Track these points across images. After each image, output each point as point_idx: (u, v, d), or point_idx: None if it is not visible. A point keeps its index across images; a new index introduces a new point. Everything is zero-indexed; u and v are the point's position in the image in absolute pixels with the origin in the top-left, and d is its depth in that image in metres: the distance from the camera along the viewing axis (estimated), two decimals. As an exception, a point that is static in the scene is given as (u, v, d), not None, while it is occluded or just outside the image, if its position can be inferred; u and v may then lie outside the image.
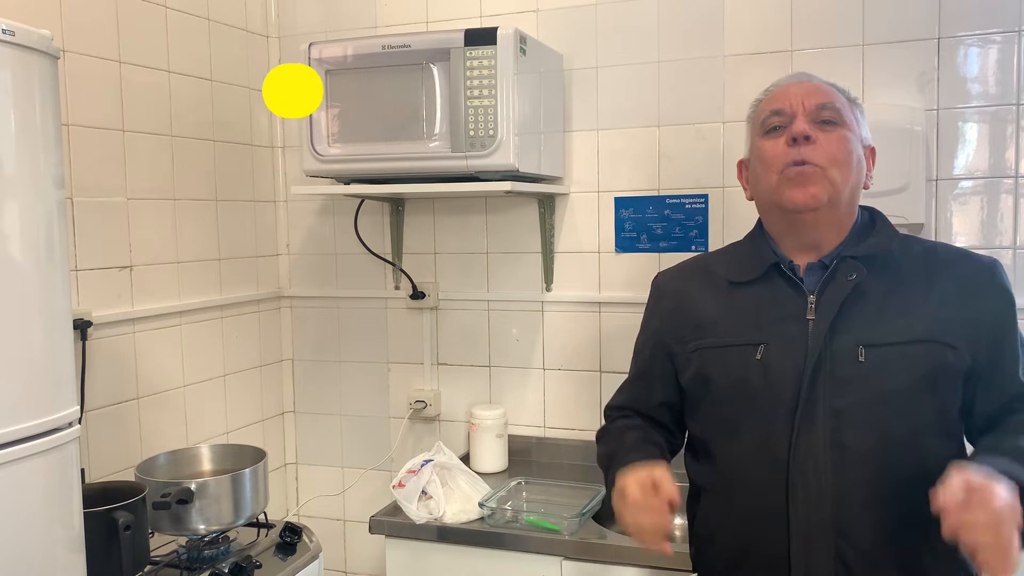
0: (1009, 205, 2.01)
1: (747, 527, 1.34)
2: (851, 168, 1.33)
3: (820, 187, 1.31)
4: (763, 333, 1.33)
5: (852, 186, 1.34)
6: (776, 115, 1.35)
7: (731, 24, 2.18)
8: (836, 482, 1.26)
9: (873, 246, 1.34)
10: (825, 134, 1.32)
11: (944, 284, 1.32)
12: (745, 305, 1.38)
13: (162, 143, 2.21)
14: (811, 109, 1.33)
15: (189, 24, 2.30)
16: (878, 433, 1.26)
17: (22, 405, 1.28)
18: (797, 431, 1.28)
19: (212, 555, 1.90)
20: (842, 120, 1.34)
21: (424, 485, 2.03)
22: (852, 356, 1.28)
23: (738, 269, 1.42)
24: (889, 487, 1.26)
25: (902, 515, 1.26)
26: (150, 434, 2.16)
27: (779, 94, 1.39)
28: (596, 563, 1.87)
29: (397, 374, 2.58)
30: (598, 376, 2.37)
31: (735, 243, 1.51)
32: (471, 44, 1.99)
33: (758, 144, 1.39)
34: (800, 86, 1.38)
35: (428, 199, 2.48)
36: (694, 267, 1.54)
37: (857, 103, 1.41)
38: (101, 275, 2.03)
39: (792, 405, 1.29)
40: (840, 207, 1.34)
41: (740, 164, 1.49)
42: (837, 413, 1.27)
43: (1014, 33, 1.98)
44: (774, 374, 1.31)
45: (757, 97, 1.46)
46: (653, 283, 1.57)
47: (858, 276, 1.31)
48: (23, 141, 1.29)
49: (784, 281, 1.36)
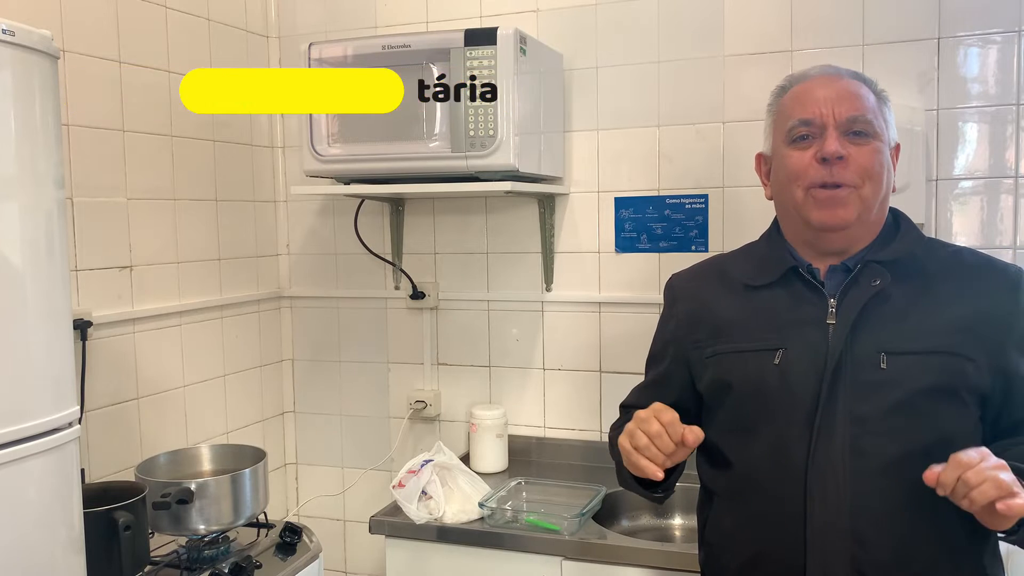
0: (1009, 205, 2.01)
1: (763, 533, 1.31)
2: (882, 181, 1.31)
3: (850, 209, 1.28)
4: (781, 337, 1.31)
5: (882, 197, 1.32)
6: (804, 125, 1.31)
7: (731, 24, 2.18)
8: (854, 490, 1.24)
9: (898, 251, 1.32)
10: (857, 147, 1.28)
11: (968, 294, 1.29)
12: (762, 308, 1.35)
13: (162, 143, 2.21)
14: (842, 121, 1.29)
15: (189, 24, 2.30)
16: (898, 441, 1.23)
17: (22, 405, 1.28)
18: (816, 437, 1.25)
19: (212, 555, 1.90)
20: (873, 132, 1.30)
21: (424, 485, 2.03)
22: (873, 362, 1.25)
23: (754, 272, 1.39)
24: (908, 496, 1.22)
25: (921, 525, 1.24)
26: (150, 434, 2.16)
27: (806, 96, 1.33)
28: (596, 563, 1.86)
29: (397, 374, 2.58)
30: (598, 376, 2.37)
31: (750, 244, 1.48)
32: (471, 44, 1.99)
33: (783, 152, 1.34)
34: (828, 86, 1.32)
35: (428, 199, 2.48)
36: (709, 269, 1.51)
37: (884, 97, 1.36)
38: (101, 275, 2.03)
39: (811, 410, 1.26)
40: (870, 220, 1.32)
41: (759, 157, 1.44)
42: (857, 420, 1.24)
43: (1014, 33, 1.98)
44: (793, 379, 1.28)
45: (780, 84, 1.40)
46: (667, 285, 1.54)
47: (882, 282, 1.28)
48: (23, 141, 1.29)
49: (803, 284, 1.33)
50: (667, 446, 1.22)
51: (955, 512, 1.18)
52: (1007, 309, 1.29)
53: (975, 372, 1.25)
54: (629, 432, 1.26)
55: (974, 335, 1.26)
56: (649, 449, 1.22)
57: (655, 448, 1.22)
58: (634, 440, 1.24)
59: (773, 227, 1.44)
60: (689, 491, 2.17)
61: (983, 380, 1.26)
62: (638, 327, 2.30)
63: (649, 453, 1.22)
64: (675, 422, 1.22)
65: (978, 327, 1.26)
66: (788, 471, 1.27)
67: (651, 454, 1.22)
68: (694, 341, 1.42)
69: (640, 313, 2.30)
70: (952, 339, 1.25)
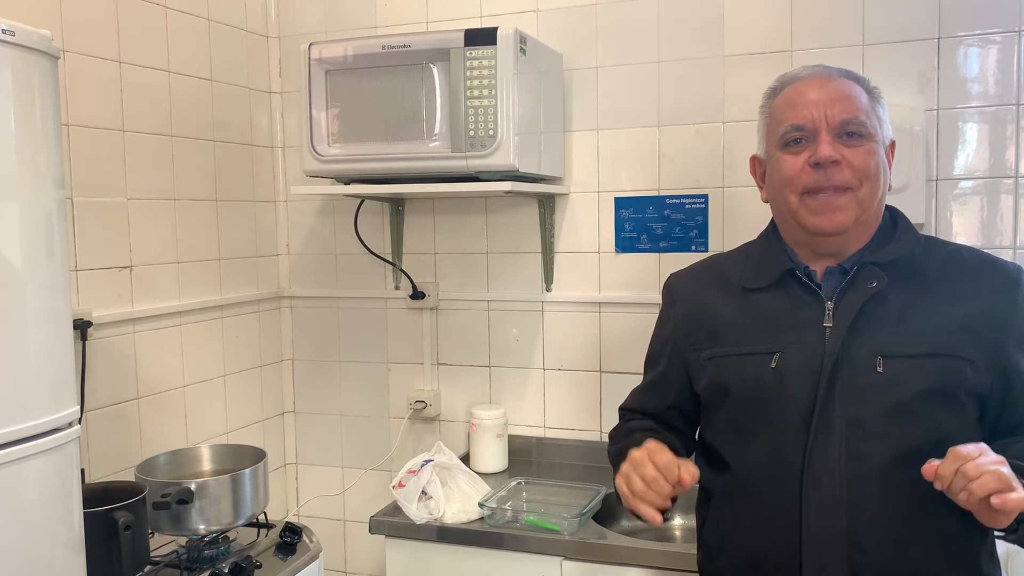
0: (1009, 205, 2.01)
1: (759, 535, 1.31)
2: (879, 181, 1.29)
3: (847, 213, 1.28)
4: (778, 341, 1.30)
5: (879, 198, 1.31)
6: (796, 130, 1.30)
7: (731, 24, 2.18)
8: (851, 492, 1.23)
9: (895, 251, 1.31)
10: (851, 149, 1.27)
11: (967, 294, 1.28)
12: (759, 312, 1.35)
13: (162, 143, 2.21)
14: (834, 124, 1.27)
15: (189, 24, 2.30)
16: (895, 444, 1.23)
17: (22, 405, 1.28)
18: (812, 439, 1.25)
19: (212, 555, 1.90)
20: (867, 133, 1.29)
21: (424, 485, 2.03)
22: (870, 365, 1.25)
23: (752, 275, 1.39)
24: (905, 499, 1.22)
25: (917, 528, 1.23)
26: (150, 434, 2.16)
27: (798, 98, 1.31)
28: (596, 563, 1.86)
29: (397, 374, 2.58)
30: (598, 376, 2.37)
31: (748, 244, 1.48)
32: (471, 44, 1.99)
33: (776, 156, 1.33)
34: (820, 88, 1.30)
35: (428, 199, 2.48)
36: (707, 270, 1.50)
37: (877, 95, 1.34)
38: (101, 275, 2.03)
39: (808, 413, 1.26)
40: (867, 220, 1.31)
41: (753, 160, 1.43)
42: (853, 423, 1.24)
43: (1014, 33, 1.98)
44: (789, 382, 1.28)
45: (772, 86, 1.39)
46: (665, 285, 1.53)
47: (879, 284, 1.27)
48: (23, 141, 1.29)
49: (800, 286, 1.33)
50: (664, 490, 1.22)
51: (952, 514, 1.18)
52: (1006, 308, 1.28)
53: (973, 373, 1.24)
54: (624, 475, 1.26)
55: (973, 335, 1.25)
56: (647, 495, 1.22)
57: (652, 493, 1.22)
58: (630, 484, 1.24)
59: (771, 227, 1.43)
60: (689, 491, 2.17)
61: (981, 381, 1.25)
62: (638, 327, 2.30)
63: (647, 498, 1.22)
64: (670, 465, 1.22)
65: (977, 327, 1.26)
66: (784, 473, 1.27)
67: (649, 499, 1.22)
68: (692, 343, 1.42)
69: (640, 313, 2.30)
70: (950, 340, 1.25)
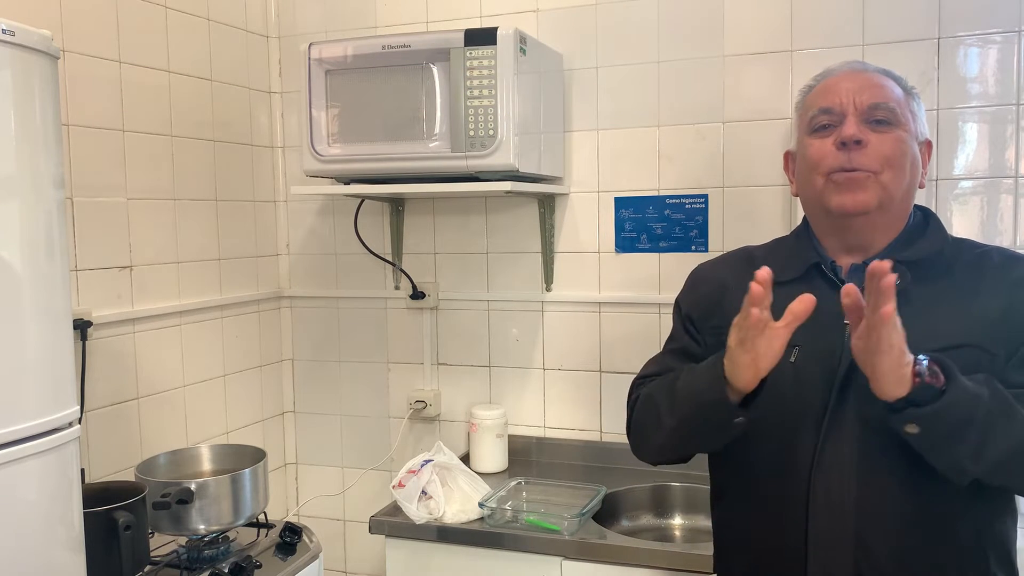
0: (1009, 205, 2.01)
1: (767, 535, 1.30)
2: (904, 170, 1.27)
3: (870, 193, 1.25)
4: (797, 335, 1.26)
5: (905, 188, 1.28)
6: (825, 113, 1.29)
7: (731, 24, 2.18)
8: (860, 494, 1.22)
9: (922, 250, 1.29)
10: (878, 135, 1.26)
11: (991, 290, 1.26)
12: (782, 306, 1.30)
13: (162, 143, 2.21)
14: (863, 108, 1.27)
15: (189, 24, 2.30)
16: (906, 445, 1.18)
17: (22, 405, 1.28)
18: (823, 438, 1.24)
19: (212, 555, 1.90)
20: (896, 120, 1.27)
21: (424, 485, 2.03)
22: None
23: (778, 267, 1.34)
24: (914, 503, 1.21)
25: (926, 534, 1.21)
26: (150, 434, 2.16)
27: (830, 88, 1.31)
28: (596, 563, 1.86)
29: (397, 374, 2.58)
30: (598, 376, 2.37)
31: (780, 239, 1.47)
32: (471, 44, 1.99)
33: (805, 142, 1.33)
34: (853, 79, 1.30)
35: (428, 199, 2.48)
36: (736, 257, 1.49)
37: (914, 93, 1.34)
38: (101, 275, 2.03)
39: (821, 410, 1.24)
40: (892, 210, 1.29)
41: (787, 156, 1.43)
42: (866, 422, 1.22)
43: (1014, 33, 1.98)
44: (805, 377, 1.26)
45: (807, 83, 1.39)
46: (692, 273, 1.52)
47: (903, 282, 1.21)
48: (23, 141, 1.29)
49: (824, 282, 1.31)
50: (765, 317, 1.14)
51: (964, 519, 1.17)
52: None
53: (991, 364, 1.21)
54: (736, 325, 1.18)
55: (995, 329, 1.22)
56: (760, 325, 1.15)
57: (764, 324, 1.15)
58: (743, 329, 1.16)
59: (803, 223, 1.42)
60: (689, 491, 2.18)
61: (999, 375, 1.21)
62: (638, 327, 2.30)
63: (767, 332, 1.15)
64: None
65: (999, 320, 1.23)
66: (793, 472, 1.26)
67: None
68: (712, 326, 1.38)
69: (640, 313, 2.30)
70: (972, 333, 1.22)
